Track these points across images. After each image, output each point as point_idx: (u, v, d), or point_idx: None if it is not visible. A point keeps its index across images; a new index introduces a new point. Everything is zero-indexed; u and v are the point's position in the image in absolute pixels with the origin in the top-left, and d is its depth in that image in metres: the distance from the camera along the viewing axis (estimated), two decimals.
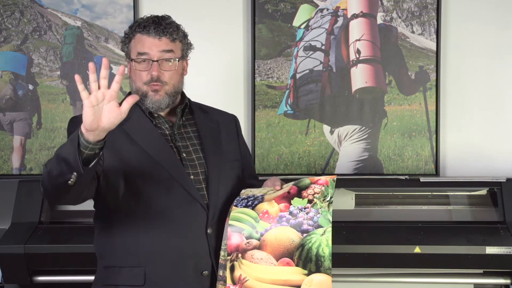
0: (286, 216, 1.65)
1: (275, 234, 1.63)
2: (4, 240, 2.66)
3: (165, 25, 1.85)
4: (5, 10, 3.19)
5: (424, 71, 3.12)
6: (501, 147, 3.12)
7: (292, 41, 3.15)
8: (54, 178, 1.57)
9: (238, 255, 1.64)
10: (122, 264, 1.77)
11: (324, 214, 1.62)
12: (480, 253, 2.57)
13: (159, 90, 1.81)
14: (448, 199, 2.93)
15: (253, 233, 1.65)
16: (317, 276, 1.58)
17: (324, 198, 1.65)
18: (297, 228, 1.62)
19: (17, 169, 3.16)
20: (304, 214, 1.64)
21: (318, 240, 1.60)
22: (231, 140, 1.96)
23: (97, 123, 1.51)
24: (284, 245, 1.62)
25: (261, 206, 1.68)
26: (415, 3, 3.14)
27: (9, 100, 3.17)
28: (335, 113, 3.13)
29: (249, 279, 1.61)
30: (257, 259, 1.62)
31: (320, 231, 1.61)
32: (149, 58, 1.80)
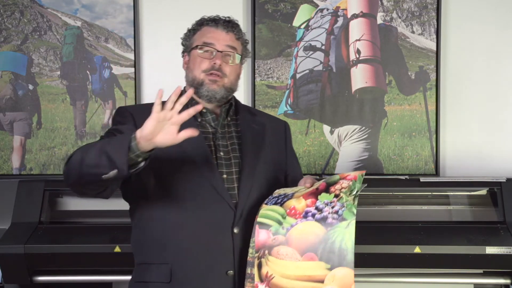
0: (312, 211, 1.64)
1: (300, 229, 1.63)
2: (4, 240, 2.66)
3: (233, 23, 1.90)
4: (5, 10, 3.19)
5: (424, 71, 3.12)
6: (501, 147, 3.12)
7: (292, 41, 3.15)
8: (88, 167, 1.61)
9: (265, 252, 1.64)
10: (151, 261, 1.79)
11: (349, 207, 1.61)
12: (480, 253, 2.57)
13: (218, 81, 1.83)
14: (448, 199, 2.92)
15: (280, 229, 1.65)
16: (340, 270, 1.58)
17: (350, 192, 1.64)
18: (322, 222, 1.62)
19: (17, 169, 3.16)
20: (330, 208, 1.63)
21: (342, 234, 1.59)
22: (276, 144, 1.96)
23: (152, 136, 1.57)
24: (308, 240, 1.61)
25: (289, 202, 1.68)
26: (415, 3, 3.14)
27: (9, 100, 3.17)
28: (335, 113, 3.13)
29: (275, 276, 1.61)
30: (282, 255, 1.62)
31: (344, 224, 1.60)
32: (214, 48, 1.83)
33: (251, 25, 3.14)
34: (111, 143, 1.61)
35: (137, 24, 3.18)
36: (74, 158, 1.66)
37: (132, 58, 3.18)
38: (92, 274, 2.75)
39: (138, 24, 3.19)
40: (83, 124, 3.18)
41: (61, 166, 3.15)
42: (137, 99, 3.16)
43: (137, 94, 3.17)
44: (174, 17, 3.14)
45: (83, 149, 1.67)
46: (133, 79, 3.17)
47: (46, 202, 2.85)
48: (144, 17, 3.19)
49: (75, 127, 3.18)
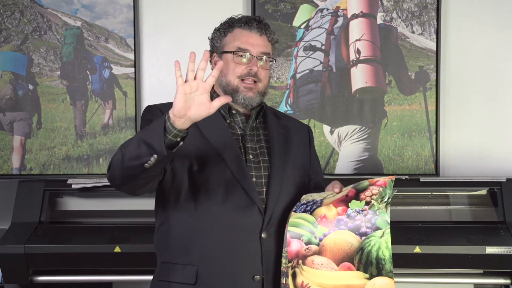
0: (344, 219, 1.63)
1: (334, 238, 1.62)
2: (4, 240, 2.66)
3: (265, 23, 1.86)
4: (5, 10, 3.19)
5: (424, 71, 3.12)
6: (501, 147, 3.12)
7: (292, 41, 3.15)
8: (130, 160, 1.58)
9: (299, 262, 1.63)
10: (176, 261, 1.77)
11: (382, 216, 1.60)
12: (480, 253, 2.57)
13: (253, 88, 1.81)
14: (448, 199, 2.92)
15: (312, 238, 1.64)
16: (380, 279, 1.57)
17: (381, 199, 1.63)
18: (355, 232, 1.61)
19: (17, 169, 3.16)
20: (362, 217, 1.62)
21: (378, 243, 1.58)
22: (301, 148, 1.94)
23: (185, 111, 1.52)
24: (343, 250, 1.60)
25: (319, 210, 1.67)
26: (415, 3, 3.14)
27: (9, 100, 3.17)
28: (335, 113, 3.13)
29: (312, 285, 1.60)
30: (317, 265, 1.61)
31: (379, 233, 1.59)
32: (249, 52, 1.80)
33: None
34: (147, 130, 1.58)
35: (137, 24, 3.18)
36: (116, 158, 1.64)
37: (132, 58, 3.18)
38: (92, 274, 2.75)
39: (138, 24, 3.19)
40: (83, 124, 3.18)
41: (61, 166, 3.15)
42: (137, 99, 3.16)
43: (137, 94, 3.16)
44: (174, 17, 3.14)
45: (122, 147, 1.64)
46: (133, 79, 3.17)
47: (46, 202, 2.85)
48: (144, 17, 3.19)
49: (75, 127, 3.18)
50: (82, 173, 3.15)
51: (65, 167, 3.16)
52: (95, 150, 3.16)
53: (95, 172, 3.12)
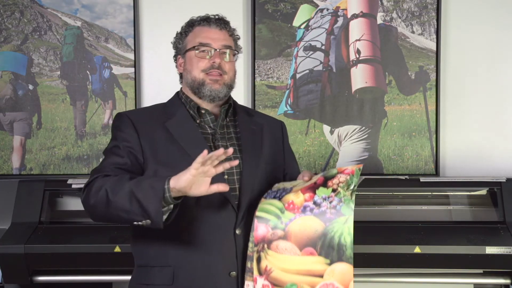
0: (310, 205, 1.65)
1: (299, 224, 1.64)
2: (4, 240, 2.66)
3: (224, 20, 1.90)
4: (5, 10, 3.19)
5: (424, 71, 3.12)
6: (501, 147, 3.12)
7: (292, 41, 3.15)
8: (117, 210, 1.64)
9: (264, 246, 1.64)
10: (153, 264, 1.79)
11: (346, 203, 1.63)
12: (480, 253, 2.57)
13: (219, 80, 1.84)
14: (448, 199, 2.93)
15: (278, 223, 1.66)
16: (339, 265, 1.60)
17: (348, 186, 1.65)
18: (320, 218, 1.63)
19: (17, 169, 3.16)
20: (328, 203, 1.64)
21: (341, 229, 1.61)
22: (274, 144, 1.96)
23: (187, 189, 1.60)
24: (307, 235, 1.63)
25: (287, 197, 1.69)
26: (415, 3, 3.14)
27: (9, 100, 3.17)
28: (335, 113, 3.13)
29: (275, 269, 1.62)
30: (282, 249, 1.63)
31: (343, 219, 1.62)
32: (211, 46, 1.84)
33: (251, 25, 3.14)
34: (142, 190, 1.62)
35: (137, 24, 3.18)
36: (100, 195, 1.66)
37: (132, 58, 3.18)
38: (92, 274, 2.75)
39: (138, 24, 3.19)
40: (83, 124, 3.18)
41: (61, 166, 3.15)
42: (137, 99, 3.16)
43: (137, 94, 3.17)
44: (174, 17, 3.14)
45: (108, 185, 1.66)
46: (133, 79, 3.17)
47: (46, 202, 2.85)
48: (144, 17, 3.19)
49: (75, 127, 3.18)
50: (82, 173, 3.15)
51: (65, 167, 3.16)
52: (95, 150, 3.16)
53: None
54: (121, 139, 1.80)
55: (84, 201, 1.73)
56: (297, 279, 1.61)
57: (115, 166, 1.76)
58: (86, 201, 1.72)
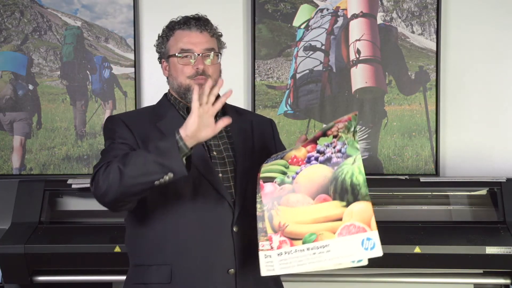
0: (314, 155, 1.64)
1: (306, 174, 1.62)
2: (4, 240, 2.66)
3: (204, 20, 1.89)
4: (5, 10, 3.19)
5: (424, 71, 3.12)
6: (501, 147, 3.12)
7: (292, 41, 3.15)
8: (134, 178, 1.62)
9: (274, 203, 1.62)
10: (150, 263, 1.78)
11: (351, 144, 1.60)
12: (480, 253, 2.57)
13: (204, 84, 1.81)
14: (448, 199, 2.93)
15: (285, 178, 1.64)
16: (357, 205, 1.55)
17: (348, 130, 1.62)
18: (327, 163, 1.61)
19: (17, 169, 3.16)
20: (332, 149, 1.62)
21: (350, 170, 1.57)
22: (265, 141, 1.97)
23: (197, 132, 1.62)
24: (317, 182, 1.60)
25: (288, 154, 1.68)
26: (415, 3, 3.14)
27: (9, 100, 3.17)
28: (335, 113, 3.12)
29: (289, 224, 1.59)
30: (293, 202, 1.60)
31: (350, 160, 1.58)
32: (192, 52, 1.83)
33: (251, 25, 3.14)
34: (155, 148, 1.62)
35: (137, 24, 3.18)
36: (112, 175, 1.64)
37: (132, 58, 3.18)
38: (92, 274, 2.75)
39: (138, 24, 3.19)
40: (83, 124, 3.18)
41: (61, 166, 3.15)
42: (137, 99, 3.16)
43: (137, 94, 3.17)
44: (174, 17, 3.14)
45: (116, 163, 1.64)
46: (133, 79, 3.17)
47: (46, 202, 2.85)
48: (144, 17, 3.19)
49: (75, 127, 3.18)
50: (82, 173, 3.15)
51: (65, 167, 3.16)
52: (95, 150, 3.16)
53: None
54: (117, 137, 1.80)
55: (95, 191, 1.69)
56: (315, 228, 1.57)
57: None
58: (98, 190, 1.68)
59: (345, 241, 1.54)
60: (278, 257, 1.58)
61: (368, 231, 1.54)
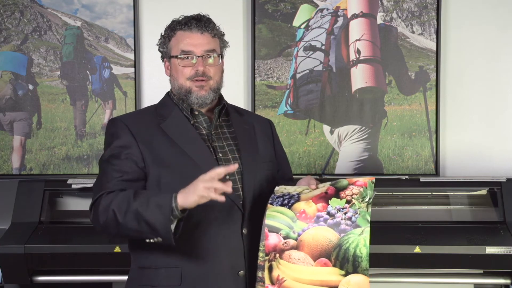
0: (324, 216, 1.64)
1: (312, 234, 1.62)
2: (4, 240, 2.66)
3: (205, 20, 1.88)
4: (5, 10, 3.19)
5: (424, 71, 3.12)
6: (501, 147, 3.12)
7: (292, 41, 3.15)
8: (128, 230, 1.67)
9: (276, 255, 1.63)
10: (158, 265, 1.78)
11: (362, 215, 1.61)
12: (480, 253, 2.57)
13: (204, 86, 1.83)
14: (448, 199, 2.92)
15: (291, 233, 1.64)
16: (355, 277, 1.58)
17: (362, 199, 1.64)
18: (335, 228, 1.61)
19: (17, 169, 3.16)
20: (342, 214, 1.62)
21: (356, 240, 1.59)
22: (266, 142, 1.97)
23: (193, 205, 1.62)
24: (321, 245, 1.61)
25: (298, 205, 1.67)
26: (415, 3, 3.14)
27: (9, 100, 3.17)
28: (335, 113, 3.13)
29: (287, 279, 1.60)
30: (294, 259, 1.62)
31: (358, 231, 1.60)
32: (193, 53, 1.83)
33: (251, 25, 3.14)
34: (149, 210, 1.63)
35: (137, 24, 3.18)
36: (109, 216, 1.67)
37: (132, 58, 3.18)
38: (92, 274, 2.75)
39: (138, 24, 3.19)
40: (83, 124, 3.18)
41: (61, 166, 3.15)
42: (137, 99, 3.16)
43: (137, 94, 3.17)
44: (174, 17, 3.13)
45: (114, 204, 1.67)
46: (133, 79, 3.17)
47: (46, 202, 2.85)
48: (144, 17, 3.19)
49: (75, 127, 3.18)
50: (82, 173, 3.15)
51: (65, 167, 3.16)
52: (95, 150, 3.16)
53: (95, 172, 3.12)
54: (118, 146, 1.79)
55: (93, 221, 1.74)
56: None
57: (117, 179, 1.75)
58: (96, 222, 1.73)
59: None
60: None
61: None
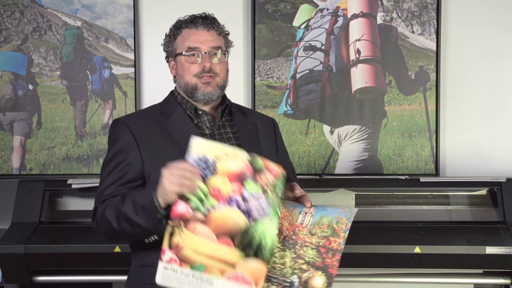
0: (237, 198, 1.62)
1: (221, 214, 1.61)
2: (4, 240, 2.66)
3: (211, 18, 1.89)
4: (5, 10, 3.19)
5: (424, 71, 3.12)
6: (501, 147, 3.12)
7: (292, 41, 3.15)
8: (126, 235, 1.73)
9: (181, 223, 1.61)
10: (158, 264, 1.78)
11: (274, 207, 1.63)
12: (480, 253, 2.57)
13: (211, 82, 1.83)
14: (448, 199, 2.92)
15: (201, 207, 1.62)
16: (254, 262, 1.59)
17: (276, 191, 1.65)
18: (246, 214, 1.61)
19: (17, 169, 3.16)
20: (256, 202, 1.62)
21: (263, 231, 1.60)
22: (268, 141, 1.97)
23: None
24: (228, 227, 1.60)
25: (213, 180, 1.64)
26: (415, 3, 3.14)
27: (9, 100, 3.17)
28: (335, 113, 3.13)
29: (186, 248, 1.59)
30: (198, 232, 1.60)
31: (268, 222, 1.61)
32: (199, 50, 1.83)
33: (251, 25, 3.14)
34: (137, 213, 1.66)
35: (137, 24, 3.18)
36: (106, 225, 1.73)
37: (132, 58, 3.18)
38: (92, 274, 2.75)
39: (138, 24, 3.19)
40: (83, 124, 3.18)
41: (61, 166, 3.15)
42: (137, 99, 3.16)
43: (137, 94, 3.17)
44: (174, 16, 3.13)
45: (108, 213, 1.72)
46: (133, 79, 3.17)
47: (46, 202, 2.85)
48: (144, 17, 3.19)
49: (75, 127, 3.18)
50: (82, 173, 3.15)
51: (65, 167, 3.16)
52: (95, 150, 3.16)
53: (95, 172, 3.12)
54: (119, 148, 1.80)
55: (96, 230, 1.79)
56: (207, 261, 1.59)
57: (116, 184, 1.77)
58: (98, 231, 1.78)
59: (229, 286, 1.58)
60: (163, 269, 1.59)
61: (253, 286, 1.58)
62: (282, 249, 1.67)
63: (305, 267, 1.65)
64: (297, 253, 1.66)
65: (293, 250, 1.67)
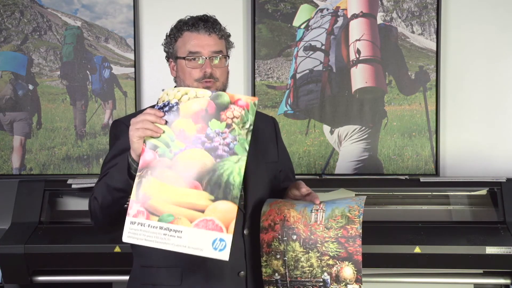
0: (202, 138, 1.60)
1: (188, 155, 1.58)
2: (4, 240, 2.66)
3: (212, 21, 1.87)
4: (5, 10, 3.19)
5: (424, 71, 3.12)
6: (501, 147, 3.12)
7: (292, 41, 3.15)
8: (109, 207, 1.68)
9: (148, 172, 1.58)
10: (159, 264, 1.78)
11: (241, 142, 1.59)
12: (480, 253, 2.57)
13: (211, 87, 1.82)
14: (448, 199, 2.93)
15: (167, 152, 1.59)
16: (223, 203, 1.55)
17: (243, 124, 1.61)
18: (211, 153, 1.58)
19: (17, 169, 3.16)
20: (221, 139, 1.59)
21: (231, 168, 1.57)
22: (269, 141, 1.97)
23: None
24: (195, 168, 1.57)
25: (178, 123, 1.62)
26: (415, 3, 3.14)
27: (9, 100, 3.17)
28: (335, 113, 3.13)
29: (153, 198, 1.57)
30: (165, 178, 1.58)
31: (235, 158, 1.57)
32: (200, 55, 1.82)
33: (251, 25, 3.14)
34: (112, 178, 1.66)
35: (137, 24, 3.18)
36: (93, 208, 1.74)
37: (132, 58, 3.18)
38: (92, 274, 2.75)
39: (138, 24, 3.19)
40: (83, 124, 3.18)
41: (61, 166, 3.15)
42: (137, 99, 3.16)
43: (137, 94, 3.17)
44: (174, 17, 3.13)
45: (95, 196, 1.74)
46: (133, 79, 3.17)
47: (46, 202, 2.85)
48: (144, 17, 3.19)
49: (75, 127, 3.18)
50: (82, 173, 3.15)
51: (65, 167, 3.16)
52: (95, 150, 3.16)
53: (95, 172, 3.12)
54: (118, 149, 1.80)
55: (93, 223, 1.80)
56: (175, 210, 1.56)
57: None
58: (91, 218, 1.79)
59: (199, 234, 1.54)
60: (130, 225, 1.56)
61: (224, 232, 1.53)
62: (305, 252, 1.66)
63: (331, 262, 1.64)
64: (320, 251, 1.65)
65: (315, 250, 1.65)
